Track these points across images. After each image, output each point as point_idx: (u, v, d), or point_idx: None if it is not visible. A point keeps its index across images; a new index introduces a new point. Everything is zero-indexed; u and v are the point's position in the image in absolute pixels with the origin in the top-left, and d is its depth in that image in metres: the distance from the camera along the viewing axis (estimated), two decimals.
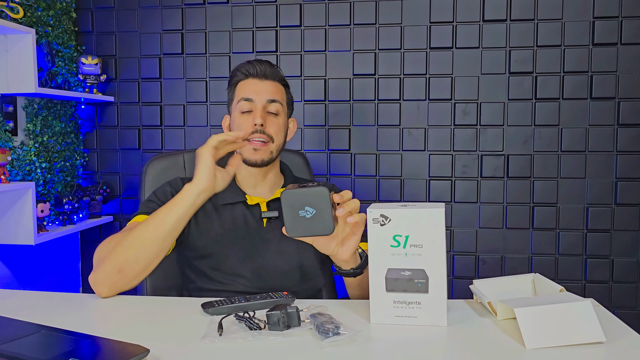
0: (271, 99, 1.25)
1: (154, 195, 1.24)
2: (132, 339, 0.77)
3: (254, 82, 1.26)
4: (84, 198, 2.33)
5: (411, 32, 2.28)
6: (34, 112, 2.18)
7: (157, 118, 2.46)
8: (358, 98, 2.33)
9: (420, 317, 0.89)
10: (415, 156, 2.32)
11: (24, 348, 0.74)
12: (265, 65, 1.27)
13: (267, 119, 1.23)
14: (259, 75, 1.26)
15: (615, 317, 0.93)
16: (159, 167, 1.41)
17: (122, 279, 1.05)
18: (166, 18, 2.42)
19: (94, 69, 2.35)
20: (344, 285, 1.18)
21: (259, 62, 1.28)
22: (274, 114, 1.25)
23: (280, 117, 1.26)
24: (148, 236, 1.04)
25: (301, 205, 0.93)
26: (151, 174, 1.40)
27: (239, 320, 0.89)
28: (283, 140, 1.28)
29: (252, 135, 1.21)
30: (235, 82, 1.29)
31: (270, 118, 1.24)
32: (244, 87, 1.26)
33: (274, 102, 1.25)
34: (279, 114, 1.26)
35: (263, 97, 1.24)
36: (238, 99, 1.26)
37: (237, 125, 1.25)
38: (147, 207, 1.20)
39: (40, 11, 2.20)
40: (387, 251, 0.89)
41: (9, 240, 1.98)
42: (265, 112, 1.24)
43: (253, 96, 1.24)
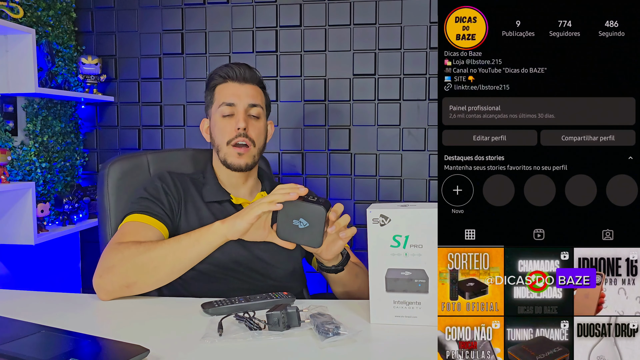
0: (252, 103, 1.25)
1: (145, 192, 1.21)
2: (132, 339, 0.77)
3: (234, 85, 1.26)
4: (84, 198, 2.33)
5: (411, 32, 2.28)
6: (34, 112, 2.18)
7: (157, 118, 2.46)
8: (358, 98, 2.33)
9: (420, 317, 0.89)
10: (415, 156, 2.32)
11: (24, 348, 0.74)
12: (244, 68, 1.28)
13: (249, 122, 1.25)
14: (239, 78, 1.26)
15: None
16: (121, 169, 1.36)
17: (127, 292, 1.05)
18: (166, 18, 2.42)
19: (94, 69, 2.35)
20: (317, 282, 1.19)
21: (238, 65, 1.28)
22: (255, 118, 1.26)
23: (261, 120, 1.28)
24: (166, 265, 1.03)
25: (297, 215, 0.97)
26: (114, 176, 1.34)
27: (239, 321, 0.89)
28: (263, 144, 1.29)
29: (235, 139, 1.22)
30: (214, 86, 1.29)
31: (252, 122, 1.25)
32: (224, 91, 1.26)
33: (255, 106, 1.26)
34: (260, 118, 1.27)
35: (244, 100, 1.25)
36: (219, 103, 1.26)
37: (219, 129, 1.25)
38: (139, 205, 1.18)
39: (40, 11, 2.20)
40: (387, 251, 0.89)
41: (9, 240, 1.98)
42: (246, 116, 1.25)
43: (234, 100, 1.24)
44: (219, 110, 1.25)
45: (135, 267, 1.03)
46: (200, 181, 1.30)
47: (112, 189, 1.33)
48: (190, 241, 1.03)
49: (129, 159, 1.40)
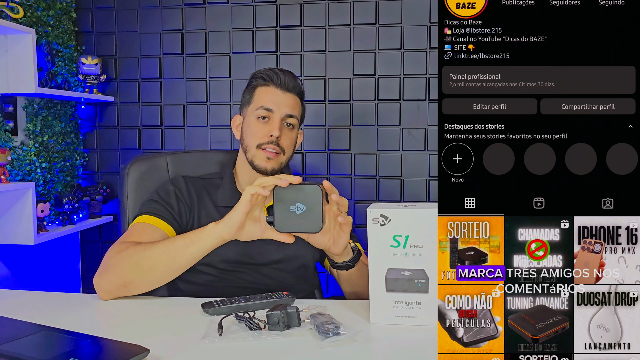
0: (290, 113, 1.25)
1: (156, 194, 1.23)
2: (132, 339, 0.77)
3: (276, 92, 1.25)
4: (84, 198, 2.33)
5: (411, 32, 2.28)
6: (34, 112, 2.18)
7: (157, 118, 2.46)
8: (358, 98, 2.33)
9: (420, 317, 0.89)
10: (415, 156, 2.32)
11: (24, 348, 0.74)
12: (289, 76, 1.27)
13: (283, 131, 1.24)
14: (282, 86, 1.25)
15: None
16: (141, 169, 1.39)
17: (125, 292, 1.05)
18: (166, 18, 2.42)
19: (94, 69, 2.35)
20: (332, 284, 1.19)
21: (283, 72, 1.27)
22: (289, 127, 1.26)
23: (294, 130, 1.28)
24: (160, 265, 1.03)
25: (293, 200, 0.95)
26: (133, 176, 1.37)
27: (239, 320, 0.89)
28: (291, 154, 1.29)
29: (267, 145, 1.22)
30: (255, 87, 1.28)
31: (286, 131, 1.25)
32: (265, 95, 1.25)
33: (292, 117, 1.25)
34: (294, 128, 1.27)
35: (283, 110, 1.24)
36: (257, 106, 1.24)
37: (252, 131, 1.24)
38: (149, 207, 1.19)
39: (40, 11, 2.20)
40: (387, 251, 0.89)
41: (9, 240, 1.98)
42: (282, 125, 1.24)
43: (273, 107, 1.23)
44: (255, 112, 1.24)
45: (131, 267, 1.03)
46: (216, 183, 1.30)
47: (131, 189, 1.36)
48: (184, 242, 1.02)
49: (149, 159, 1.42)
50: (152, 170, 1.40)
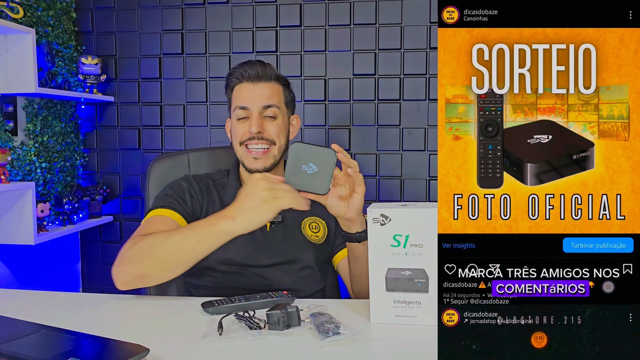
0: (266, 104, 1.23)
1: (170, 189, 1.24)
2: (132, 339, 0.77)
3: (248, 86, 1.25)
4: (84, 198, 2.33)
5: (411, 32, 2.28)
6: (34, 112, 2.18)
7: (157, 118, 2.46)
8: (358, 98, 2.33)
9: (420, 317, 0.89)
10: (415, 156, 2.32)
11: (24, 348, 0.74)
12: (257, 66, 1.25)
13: (264, 124, 1.23)
14: (252, 78, 1.25)
15: None
16: (163, 167, 1.42)
17: (142, 283, 1.07)
18: (166, 18, 2.42)
19: (94, 69, 2.35)
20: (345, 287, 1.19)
21: (251, 63, 1.26)
22: (271, 118, 1.25)
23: (279, 118, 1.26)
24: (175, 258, 1.03)
25: (307, 160, 0.96)
26: (155, 173, 1.40)
27: (239, 320, 0.89)
28: (285, 141, 1.28)
29: (250, 141, 1.22)
30: (232, 86, 1.29)
31: (268, 123, 1.24)
32: (239, 93, 1.26)
33: (270, 107, 1.24)
34: (277, 117, 1.25)
35: (258, 103, 1.23)
36: (234, 106, 1.25)
37: (234, 131, 1.26)
38: (164, 201, 1.20)
39: (40, 11, 2.20)
40: (387, 251, 0.89)
41: (9, 240, 1.98)
42: (261, 119, 1.23)
43: (248, 103, 1.23)
44: (235, 114, 1.25)
45: (146, 261, 1.04)
46: (223, 182, 1.30)
47: (153, 186, 1.38)
48: (200, 237, 1.01)
49: (172, 157, 1.44)
50: (174, 167, 1.42)
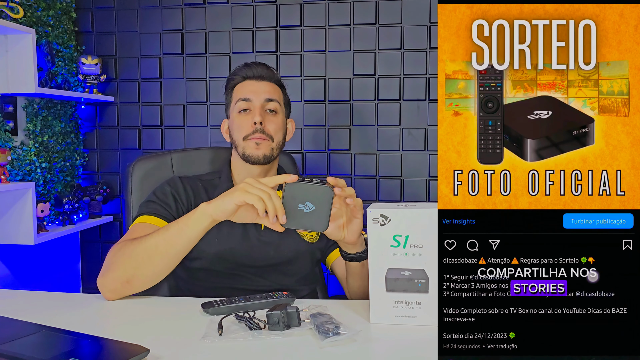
0: (269, 97, 1.26)
1: (154, 195, 1.23)
2: (132, 339, 0.77)
3: (251, 83, 1.28)
4: (84, 198, 2.33)
5: (411, 32, 2.28)
6: (34, 112, 2.18)
7: (157, 118, 2.46)
8: (358, 98, 2.33)
9: (420, 317, 0.89)
10: (415, 156, 2.32)
11: (24, 348, 0.74)
12: (261, 67, 1.29)
13: (266, 117, 1.25)
14: (256, 77, 1.28)
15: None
16: (146, 167, 1.39)
17: (130, 289, 1.04)
18: (166, 18, 2.42)
19: (94, 69, 2.35)
20: (335, 285, 1.19)
21: (255, 64, 1.30)
22: (272, 112, 1.26)
23: (279, 115, 1.28)
24: (158, 254, 1.02)
25: (303, 199, 0.93)
26: (138, 174, 1.38)
27: (239, 320, 0.89)
28: (282, 140, 1.29)
29: (252, 135, 1.22)
30: (233, 86, 1.30)
31: (269, 117, 1.25)
32: (242, 89, 1.28)
33: (272, 101, 1.26)
34: (277, 113, 1.27)
35: (261, 96, 1.26)
36: (236, 100, 1.27)
37: (236, 126, 1.25)
38: (147, 207, 1.19)
39: (40, 11, 2.20)
40: (387, 251, 0.89)
41: (9, 240, 1.98)
42: (263, 111, 1.25)
43: (251, 96, 1.25)
44: (236, 107, 1.27)
45: (131, 262, 1.02)
46: (214, 183, 1.30)
47: (136, 187, 1.37)
48: (178, 226, 1.01)
49: (154, 157, 1.42)
50: (157, 168, 1.40)
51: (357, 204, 0.99)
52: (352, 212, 1.01)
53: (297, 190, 0.93)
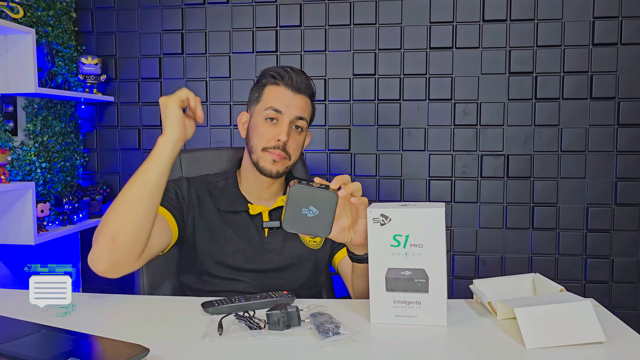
0: (299, 115, 1.21)
1: None
2: (132, 339, 0.77)
3: (286, 92, 1.21)
4: (84, 198, 2.33)
5: (411, 32, 2.28)
6: (34, 112, 2.18)
7: (157, 118, 2.45)
8: (358, 98, 2.33)
9: (420, 317, 0.89)
10: (415, 156, 2.32)
11: (24, 348, 0.74)
12: (301, 77, 1.22)
13: (291, 135, 1.20)
14: (293, 86, 1.21)
15: (615, 317, 0.93)
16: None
17: (116, 248, 0.99)
18: (166, 18, 2.42)
19: (94, 69, 2.35)
20: (340, 287, 1.18)
21: (295, 71, 1.23)
22: (297, 129, 1.22)
23: (303, 133, 1.24)
24: (133, 195, 1.00)
25: (307, 203, 0.92)
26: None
27: (239, 320, 0.89)
28: (298, 157, 1.26)
29: (272, 150, 1.19)
30: (265, 84, 1.24)
31: (293, 134, 1.21)
32: (274, 95, 1.21)
33: (302, 119, 1.22)
34: (302, 130, 1.24)
35: (292, 112, 1.20)
36: (266, 106, 1.21)
37: (259, 132, 1.21)
38: None
39: (40, 11, 2.20)
40: (387, 251, 0.89)
41: (9, 240, 1.98)
42: (290, 128, 1.21)
43: (282, 108, 1.20)
44: (264, 113, 1.21)
45: (111, 217, 1.00)
46: (220, 186, 1.27)
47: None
48: (146, 164, 1.03)
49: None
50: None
51: (362, 203, 0.97)
52: (358, 213, 0.99)
53: (301, 195, 0.92)
